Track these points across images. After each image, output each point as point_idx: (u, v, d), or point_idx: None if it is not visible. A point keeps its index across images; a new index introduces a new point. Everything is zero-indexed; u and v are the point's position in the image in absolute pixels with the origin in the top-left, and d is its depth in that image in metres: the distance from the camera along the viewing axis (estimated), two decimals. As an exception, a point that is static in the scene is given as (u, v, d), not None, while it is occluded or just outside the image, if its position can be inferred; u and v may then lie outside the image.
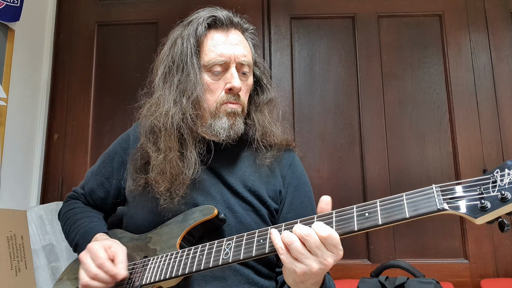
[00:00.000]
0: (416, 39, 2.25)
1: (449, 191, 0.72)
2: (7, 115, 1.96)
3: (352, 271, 2.04)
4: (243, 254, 0.85)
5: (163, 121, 1.06)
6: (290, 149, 1.22)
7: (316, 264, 0.77)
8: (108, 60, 2.34)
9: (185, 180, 1.03)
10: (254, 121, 1.14)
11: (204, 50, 1.09)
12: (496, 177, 0.68)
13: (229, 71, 1.08)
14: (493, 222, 0.68)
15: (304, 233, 0.77)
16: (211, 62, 1.07)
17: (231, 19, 1.12)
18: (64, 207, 1.30)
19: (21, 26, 2.05)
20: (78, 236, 1.15)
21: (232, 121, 1.08)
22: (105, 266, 0.96)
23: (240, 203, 1.08)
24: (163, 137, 1.06)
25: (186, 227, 1.01)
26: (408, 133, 2.17)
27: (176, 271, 0.92)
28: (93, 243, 1.03)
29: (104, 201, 1.25)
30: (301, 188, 1.17)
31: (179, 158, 1.04)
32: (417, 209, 0.73)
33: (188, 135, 1.05)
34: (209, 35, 1.10)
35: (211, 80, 1.08)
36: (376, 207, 0.77)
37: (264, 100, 1.18)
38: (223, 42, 1.09)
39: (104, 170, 1.24)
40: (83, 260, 1.00)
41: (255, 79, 1.18)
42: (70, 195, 1.33)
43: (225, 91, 1.08)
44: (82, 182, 1.30)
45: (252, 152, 1.15)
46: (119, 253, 1.00)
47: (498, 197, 0.66)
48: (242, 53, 1.09)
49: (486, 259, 2.01)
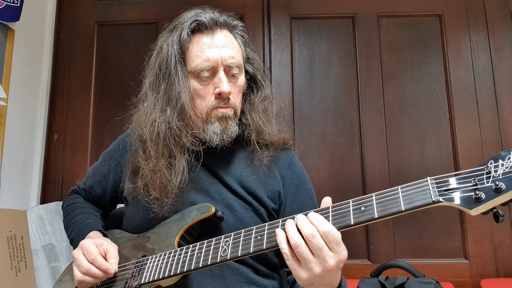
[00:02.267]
0: (416, 39, 2.25)
1: (443, 183, 0.72)
2: (7, 115, 1.96)
3: (352, 271, 2.04)
4: (241, 251, 0.85)
5: (149, 131, 1.06)
6: (288, 148, 1.21)
7: (318, 268, 0.75)
8: (108, 60, 2.34)
9: (173, 189, 1.04)
10: (249, 121, 1.13)
11: (190, 55, 1.07)
12: (490, 168, 0.68)
13: (217, 76, 1.05)
14: (487, 213, 0.68)
15: (308, 233, 0.75)
16: (198, 68, 1.05)
17: (216, 20, 1.08)
18: (66, 200, 1.34)
19: (21, 26, 2.06)
20: (74, 232, 1.18)
21: (224, 126, 1.07)
22: (97, 261, 0.98)
23: (239, 202, 1.08)
24: (149, 147, 1.06)
25: (184, 226, 1.01)
26: (408, 133, 2.17)
27: (174, 270, 0.92)
28: (85, 240, 1.05)
29: (102, 198, 1.28)
30: (301, 187, 1.16)
31: (167, 167, 1.04)
32: (412, 202, 0.73)
33: (173, 144, 1.05)
34: (194, 39, 1.08)
35: (200, 85, 1.07)
36: (372, 201, 0.77)
37: (259, 97, 1.16)
38: (209, 46, 1.06)
39: (103, 168, 1.26)
40: (75, 256, 1.02)
41: (248, 76, 1.16)
42: (74, 189, 1.37)
43: (215, 96, 1.06)
44: (85, 178, 1.34)
45: (249, 152, 1.14)
46: (111, 249, 1.03)
47: (492, 188, 0.66)
48: (229, 55, 1.06)
49: (486, 259, 2.01)
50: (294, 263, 0.77)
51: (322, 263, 0.75)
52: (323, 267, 0.75)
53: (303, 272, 0.76)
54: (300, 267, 0.77)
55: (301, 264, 0.77)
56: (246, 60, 1.16)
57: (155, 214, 1.05)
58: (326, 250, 0.75)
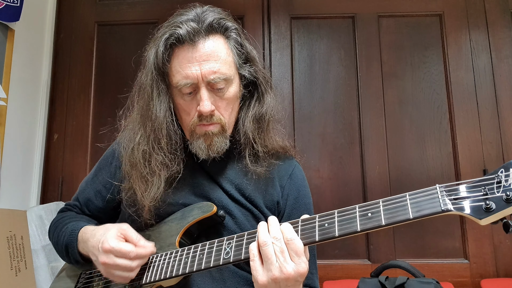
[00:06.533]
0: (416, 39, 2.25)
1: (453, 191, 0.70)
2: (7, 115, 1.96)
3: (352, 271, 2.04)
4: (244, 254, 0.84)
5: (129, 152, 1.05)
6: (291, 158, 1.17)
7: (277, 271, 0.77)
8: (108, 60, 2.34)
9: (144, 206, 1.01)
10: (245, 129, 1.06)
11: (172, 70, 1.00)
12: (501, 177, 0.67)
13: (199, 93, 0.98)
14: (497, 223, 0.68)
15: (274, 235, 0.79)
16: (178, 85, 0.99)
17: (197, 30, 0.98)
18: (52, 221, 1.21)
19: (21, 26, 2.05)
20: (65, 237, 1.09)
21: (209, 142, 1.02)
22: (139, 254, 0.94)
23: (240, 209, 1.06)
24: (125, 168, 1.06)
25: (185, 225, 1.00)
26: (408, 133, 2.17)
27: (176, 271, 0.92)
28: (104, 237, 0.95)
29: (101, 210, 1.18)
30: (301, 201, 1.12)
31: (145, 188, 1.02)
32: (421, 210, 0.71)
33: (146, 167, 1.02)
34: (174, 53, 1.00)
35: (184, 101, 1.01)
36: (379, 207, 0.75)
37: (258, 102, 1.09)
38: (189, 61, 0.97)
39: (101, 177, 1.18)
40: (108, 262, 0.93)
41: (244, 82, 1.07)
42: (62, 209, 1.24)
43: (198, 113, 1.00)
44: (76, 194, 1.23)
45: (246, 158, 1.09)
46: (127, 229, 0.98)
47: (503, 198, 0.65)
48: (211, 69, 0.97)
49: (486, 259, 2.01)
50: (258, 265, 0.80)
51: (281, 268, 0.77)
52: (281, 272, 0.76)
53: (262, 274, 0.78)
54: (262, 268, 0.79)
55: (263, 266, 0.79)
56: (243, 63, 1.07)
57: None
58: (287, 256, 0.77)
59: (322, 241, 0.79)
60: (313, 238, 0.79)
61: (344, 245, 2.09)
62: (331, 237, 0.78)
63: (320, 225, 0.80)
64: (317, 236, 0.79)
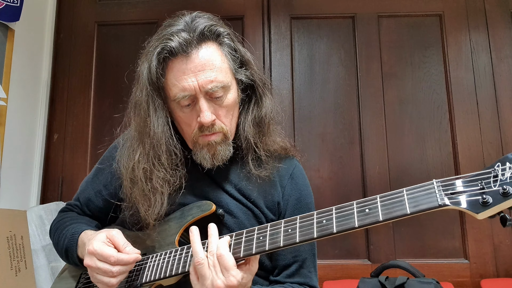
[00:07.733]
0: (416, 39, 2.25)
1: (449, 186, 0.71)
2: (7, 115, 1.96)
3: (352, 271, 2.04)
4: (243, 252, 0.85)
5: (130, 171, 1.04)
6: (292, 157, 1.16)
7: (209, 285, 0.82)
8: (108, 60, 2.34)
9: (149, 224, 1.01)
10: (246, 134, 1.06)
11: (168, 84, 0.99)
12: (497, 171, 0.67)
13: (198, 104, 0.97)
14: (494, 217, 0.67)
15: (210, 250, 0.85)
16: (176, 98, 0.97)
17: (189, 40, 0.96)
18: (54, 221, 1.21)
19: (21, 26, 2.06)
20: (66, 240, 1.09)
21: (213, 152, 1.01)
22: (121, 260, 0.92)
23: (241, 207, 1.06)
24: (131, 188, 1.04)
25: (184, 224, 1.00)
26: (408, 133, 2.17)
27: (176, 269, 0.92)
28: (91, 242, 0.96)
29: (101, 210, 1.18)
30: (302, 201, 1.12)
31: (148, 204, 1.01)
32: (418, 205, 0.71)
33: (148, 184, 1.01)
34: (168, 66, 0.98)
35: (183, 113, 1.00)
36: (376, 203, 0.76)
37: (256, 105, 1.08)
38: (184, 73, 0.96)
39: (102, 177, 1.17)
40: (91, 264, 0.93)
41: (242, 86, 1.06)
42: (63, 209, 1.24)
43: (199, 124, 0.99)
44: (77, 194, 1.22)
45: (249, 163, 1.08)
46: (117, 236, 0.96)
47: (499, 192, 0.65)
48: (208, 78, 0.95)
49: (486, 259, 2.01)
50: (195, 278, 0.86)
51: (212, 282, 0.82)
52: (212, 286, 0.82)
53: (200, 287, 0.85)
54: (198, 282, 0.85)
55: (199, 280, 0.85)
56: (239, 67, 1.05)
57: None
58: (218, 271, 0.83)
59: (320, 238, 0.79)
60: (311, 234, 0.79)
61: (344, 245, 2.09)
62: (329, 233, 0.78)
63: (318, 221, 0.81)
64: (315, 232, 0.79)
